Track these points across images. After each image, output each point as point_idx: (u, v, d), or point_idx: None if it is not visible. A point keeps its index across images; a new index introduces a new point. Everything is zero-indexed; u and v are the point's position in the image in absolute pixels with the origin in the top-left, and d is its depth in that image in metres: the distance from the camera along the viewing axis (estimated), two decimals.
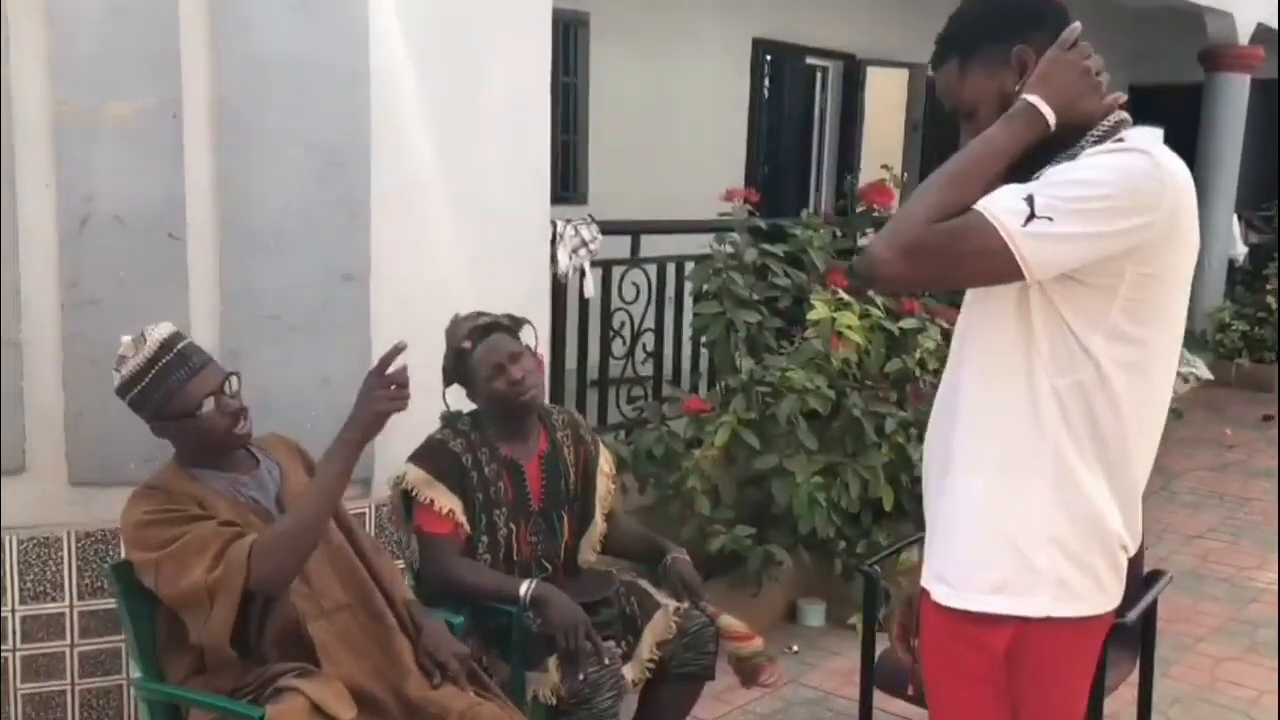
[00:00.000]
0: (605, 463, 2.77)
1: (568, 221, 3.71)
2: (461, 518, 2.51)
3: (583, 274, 3.76)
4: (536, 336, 2.72)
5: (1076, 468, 1.51)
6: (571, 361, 3.93)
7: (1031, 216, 1.42)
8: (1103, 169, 1.45)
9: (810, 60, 8.23)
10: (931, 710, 1.67)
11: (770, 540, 3.74)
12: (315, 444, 2.39)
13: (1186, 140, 7.83)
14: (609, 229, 3.91)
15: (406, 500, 2.56)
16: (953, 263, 1.48)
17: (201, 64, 2.77)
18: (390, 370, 2.05)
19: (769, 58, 7.85)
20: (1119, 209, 1.42)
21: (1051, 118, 1.52)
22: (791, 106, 8.24)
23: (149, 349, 2.13)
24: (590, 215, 3.81)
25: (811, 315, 3.67)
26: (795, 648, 3.80)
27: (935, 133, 9.33)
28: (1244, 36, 8.59)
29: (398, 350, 2.06)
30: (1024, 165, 1.53)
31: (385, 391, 2.05)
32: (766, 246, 3.96)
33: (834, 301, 3.76)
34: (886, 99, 8.61)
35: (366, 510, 3.04)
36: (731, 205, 4.01)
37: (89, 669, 2.77)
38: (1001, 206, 1.45)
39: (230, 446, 2.19)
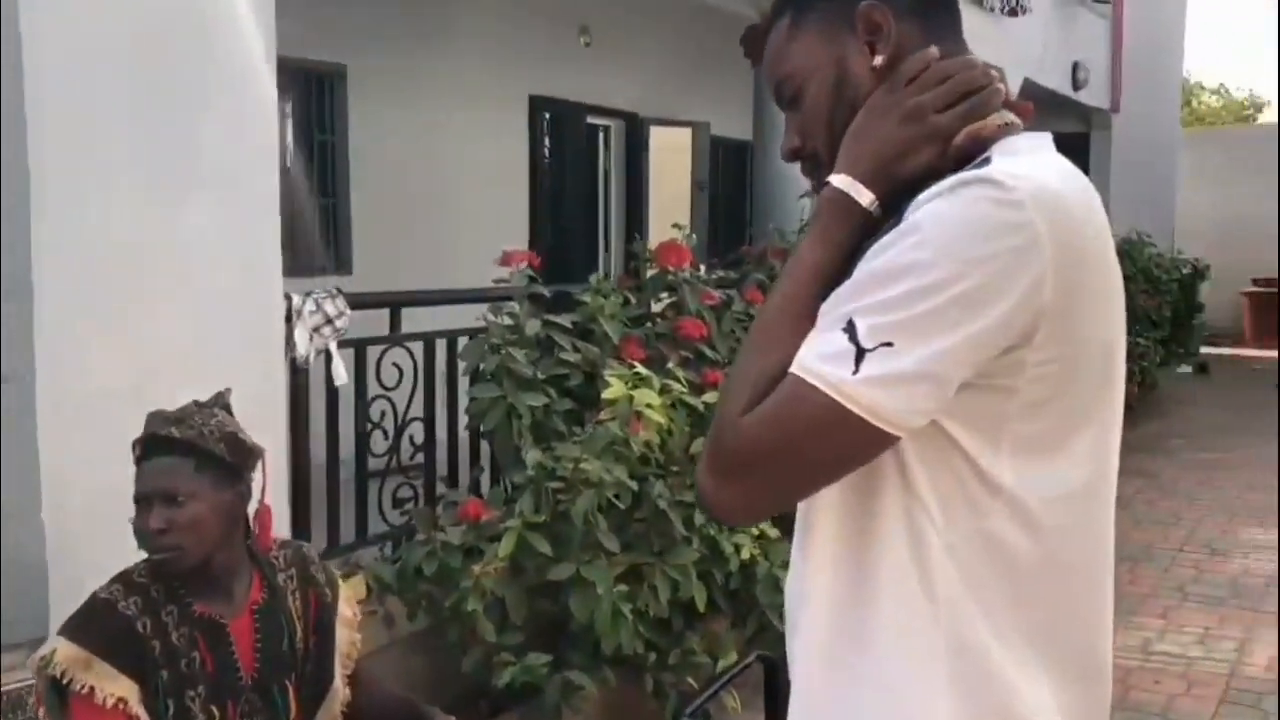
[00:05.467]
0: (346, 607, 2.12)
1: (307, 295, 3.06)
2: (138, 709, 1.80)
3: (329, 357, 3.11)
4: (262, 469, 2.00)
5: (986, 645, 1.01)
6: (321, 457, 3.25)
7: (861, 354, 0.93)
8: (926, 234, 0.94)
9: (591, 119, 7.86)
10: None
11: (569, 661, 3.15)
12: None
13: None
14: (362, 302, 3.30)
15: (58, 689, 1.83)
16: (792, 463, 0.97)
17: None
18: None
19: (548, 115, 7.43)
20: (975, 291, 0.92)
21: (868, 198, 1.03)
22: (574, 166, 7.83)
23: None
24: (336, 287, 3.18)
25: (607, 394, 3.14)
26: None
27: (721, 191, 9.18)
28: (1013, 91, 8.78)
29: None
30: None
31: None
32: (551, 317, 3.41)
33: (631, 377, 3.25)
34: (670, 158, 8.37)
35: None
36: (510, 270, 3.44)
37: None
38: (815, 354, 0.96)
39: None
